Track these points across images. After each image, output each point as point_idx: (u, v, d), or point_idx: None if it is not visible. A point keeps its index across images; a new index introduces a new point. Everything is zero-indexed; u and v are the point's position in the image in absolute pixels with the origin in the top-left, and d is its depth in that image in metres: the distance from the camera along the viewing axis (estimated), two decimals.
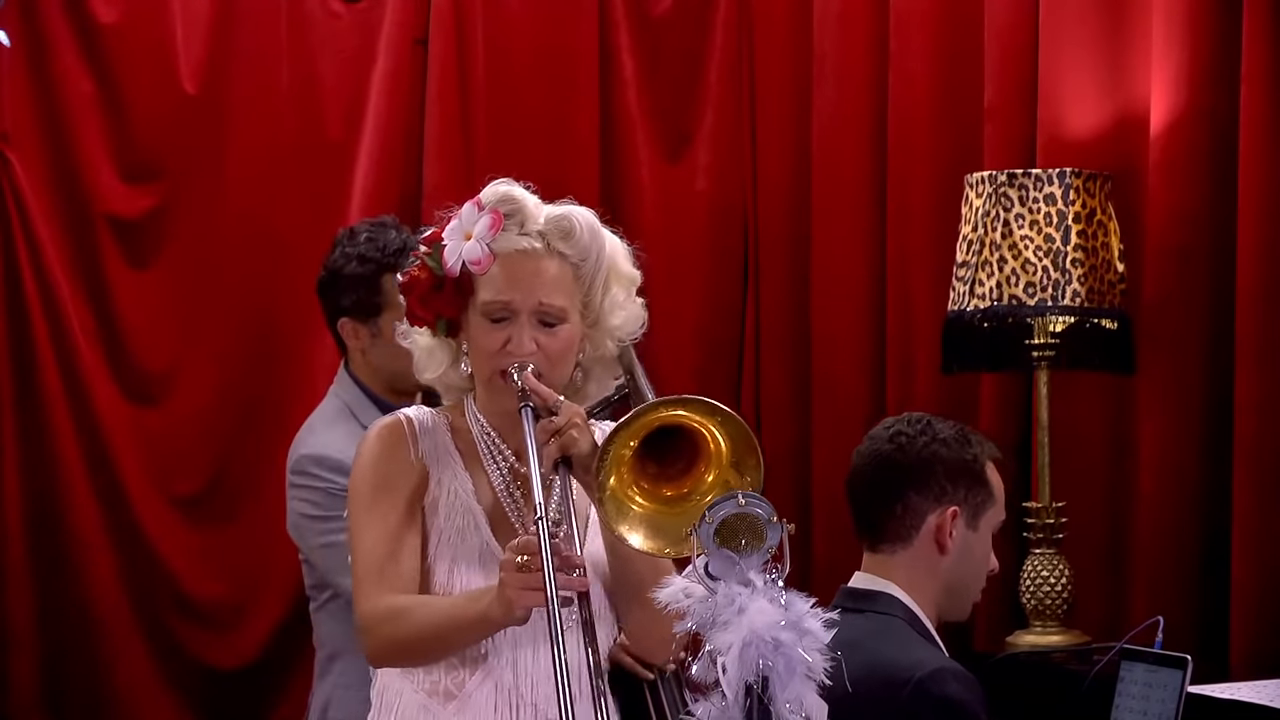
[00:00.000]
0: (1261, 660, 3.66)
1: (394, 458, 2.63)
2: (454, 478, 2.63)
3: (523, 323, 2.59)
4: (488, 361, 2.60)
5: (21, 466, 4.66)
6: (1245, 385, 3.78)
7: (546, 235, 2.63)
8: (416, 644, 2.55)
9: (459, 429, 2.68)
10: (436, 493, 2.62)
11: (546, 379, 2.57)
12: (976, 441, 3.02)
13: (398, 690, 2.63)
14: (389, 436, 2.64)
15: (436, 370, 2.68)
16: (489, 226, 2.60)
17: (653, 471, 2.46)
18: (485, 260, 2.59)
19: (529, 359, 2.57)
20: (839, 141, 4.72)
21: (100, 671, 4.70)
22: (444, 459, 2.64)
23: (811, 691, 2.30)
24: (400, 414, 2.67)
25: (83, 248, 4.74)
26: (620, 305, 2.69)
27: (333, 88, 4.88)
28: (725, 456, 2.44)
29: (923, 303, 4.45)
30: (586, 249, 2.65)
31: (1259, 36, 3.78)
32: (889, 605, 2.93)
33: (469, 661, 2.59)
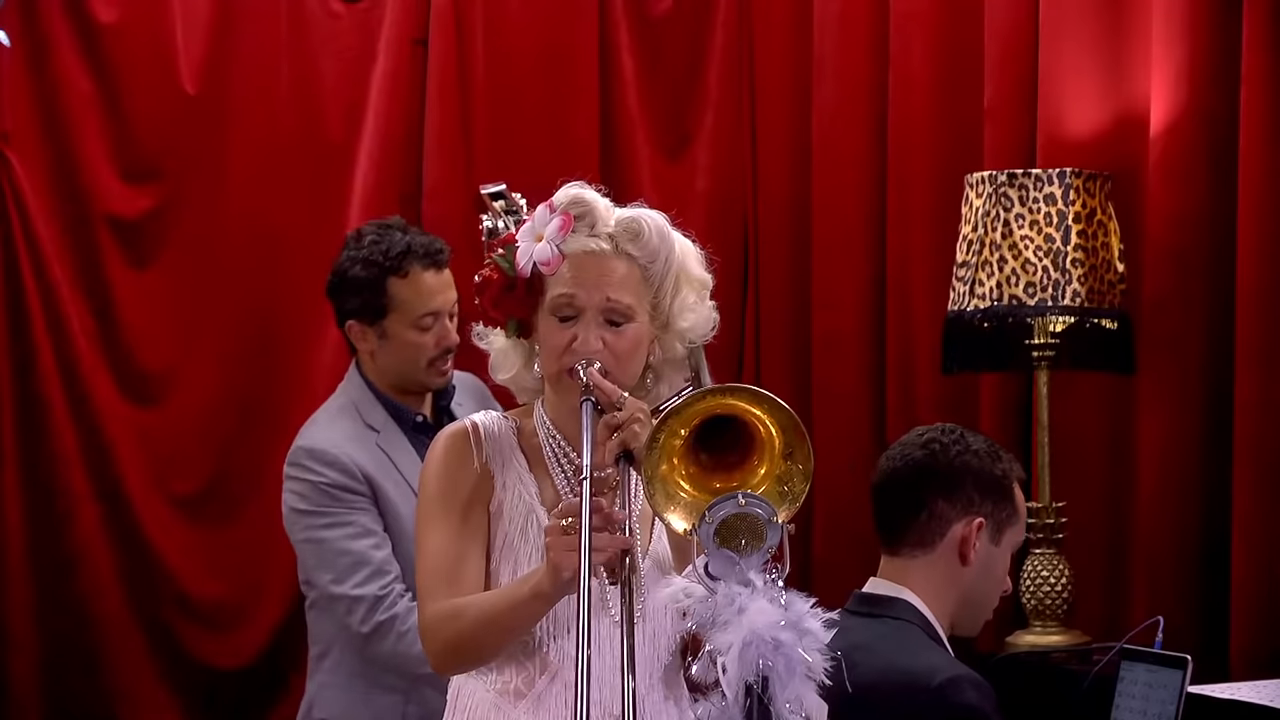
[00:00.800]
0: (1261, 660, 3.66)
1: (459, 465, 2.66)
2: (518, 481, 2.67)
3: (589, 320, 2.62)
4: (555, 359, 2.63)
5: (21, 466, 4.66)
6: (1245, 385, 3.78)
7: (615, 237, 2.65)
8: (474, 637, 2.58)
9: (526, 432, 2.71)
10: (502, 496, 2.66)
11: (613, 377, 2.60)
12: (1006, 459, 3.02)
13: (470, 691, 2.67)
14: (454, 445, 2.68)
15: (510, 371, 2.73)
16: (559, 228, 2.63)
17: (706, 462, 2.45)
18: (554, 261, 2.63)
19: (595, 356, 2.60)
20: (839, 141, 4.72)
21: (100, 671, 4.70)
22: (509, 463, 2.68)
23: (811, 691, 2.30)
24: (467, 420, 2.71)
25: (83, 248, 4.74)
26: (690, 308, 2.70)
27: (333, 88, 4.88)
28: (778, 447, 2.43)
29: (923, 303, 4.45)
30: (655, 251, 2.67)
31: (1259, 36, 3.78)
32: (903, 611, 2.92)
33: (538, 662, 2.62)
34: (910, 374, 4.53)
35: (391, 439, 3.75)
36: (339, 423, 3.77)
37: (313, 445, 3.71)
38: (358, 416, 3.78)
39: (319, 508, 3.68)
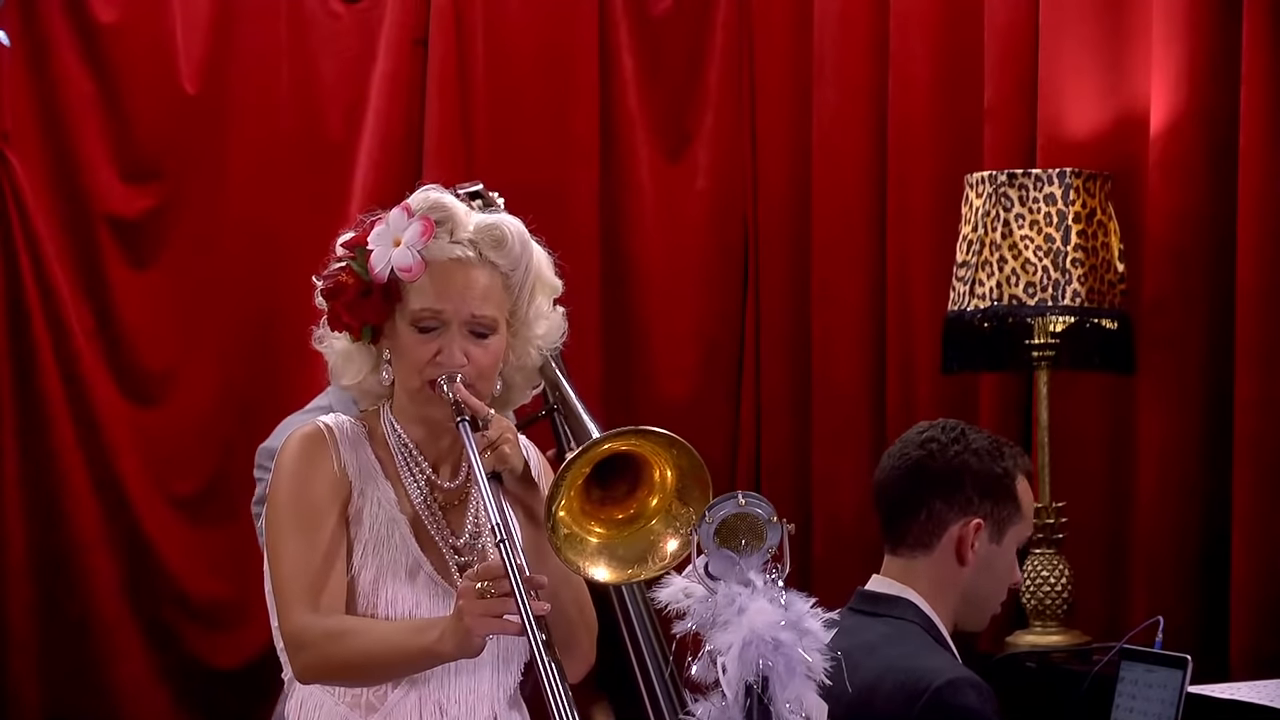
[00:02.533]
0: (1261, 660, 3.66)
1: (317, 468, 2.57)
2: (376, 488, 2.58)
3: (454, 333, 2.54)
4: (417, 372, 2.55)
5: (21, 466, 4.66)
6: (1245, 385, 3.78)
7: (478, 244, 2.57)
8: (353, 668, 2.50)
9: (377, 437, 2.63)
10: (360, 503, 2.57)
11: (475, 390, 2.53)
12: (1010, 455, 2.98)
13: (318, 702, 2.58)
14: (310, 446, 2.58)
15: (355, 377, 2.63)
16: (420, 233, 2.54)
17: (597, 497, 2.44)
18: (416, 268, 2.54)
19: (459, 370, 2.53)
20: (839, 141, 4.72)
21: (100, 671, 4.70)
22: (366, 469, 2.59)
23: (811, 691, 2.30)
24: (319, 422, 2.61)
25: (83, 248, 4.75)
26: (544, 314, 2.65)
27: (333, 88, 4.88)
28: (670, 485, 2.43)
29: (923, 303, 4.46)
30: (518, 259, 2.59)
31: (1259, 36, 3.78)
32: (906, 611, 2.91)
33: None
34: (910, 374, 4.53)
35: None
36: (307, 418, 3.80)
37: (270, 445, 3.73)
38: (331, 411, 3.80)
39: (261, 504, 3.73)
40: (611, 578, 2.45)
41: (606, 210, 4.94)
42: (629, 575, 2.45)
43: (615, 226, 4.95)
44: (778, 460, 4.85)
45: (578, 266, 4.57)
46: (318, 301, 2.60)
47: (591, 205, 4.89)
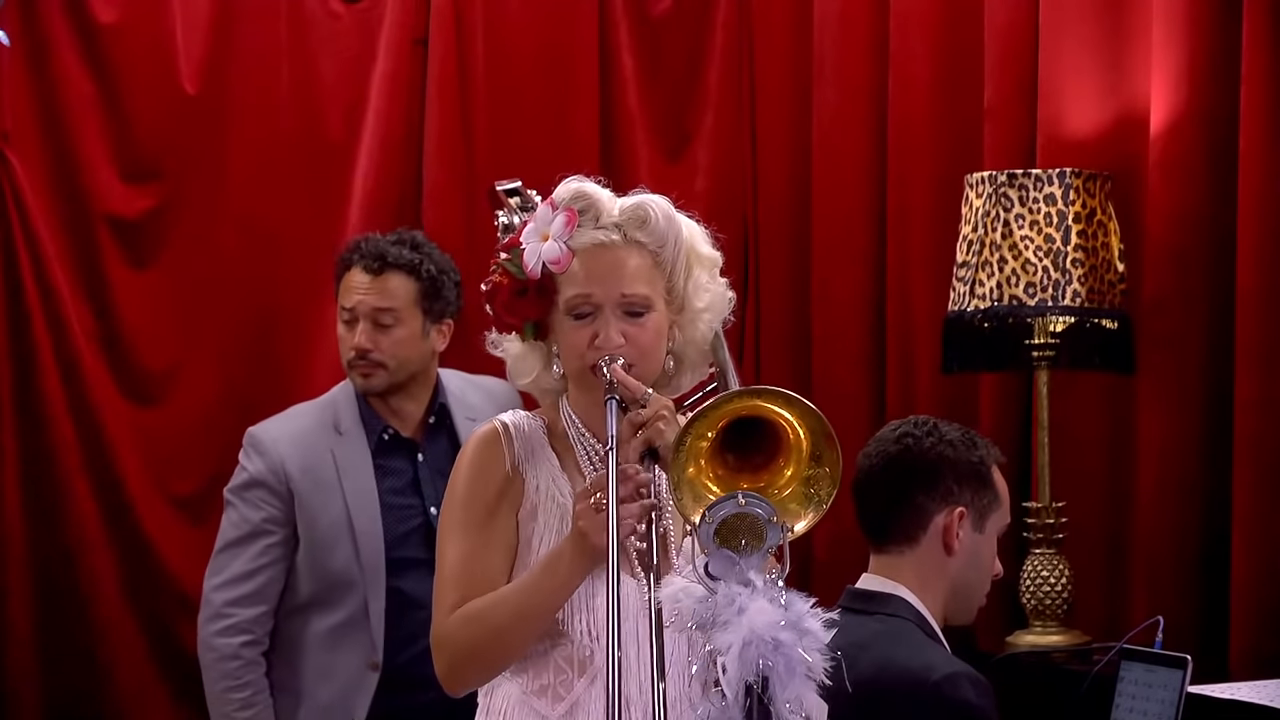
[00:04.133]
0: (1261, 660, 3.66)
1: (488, 469, 2.62)
2: (551, 481, 2.63)
3: (607, 316, 2.58)
4: (578, 358, 2.59)
5: (21, 466, 4.66)
6: (1245, 385, 3.78)
7: (623, 226, 2.62)
8: (498, 639, 2.53)
9: (555, 431, 2.67)
10: (535, 499, 2.62)
11: (638, 370, 2.57)
12: (982, 445, 3.03)
13: (505, 692, 2.62)
14: (484, 448, 2.64)
15: (529, 375, 2.68)
16: (565, 224, 2.59)
17: (732, 463, 2.43)
18: (565, 258, 2.59)
19: (618, 352, 2.57)
20: (839, 141, 4.72)
21: (100, 671, 4.70)
22: (540, 463, 2.63)
23: (811, 691, 2.30)
24: (496, 421, 2.66)
25: (83, 248, 4.74)
26: (704, 287, 2.68)
27: (333, 88, 4.88)
28: (805, 449, 2.42)
29: (923, 303, 4.45)
30: (664, 235, 2.64)
31: (1259, 36, 3.78)
32: (897, 607, 2.93)
33: (576, 664, 2.58)
34: (910, 374, 4.53)
35: (350, 446, 3.85)
36: (302, 418, 3.92)
37: (257, 432, 3.90)
38: (330, 416, 3.86)
39: (232, 493, 3.91)
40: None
41: None
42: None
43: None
44: None
45: None
46: (486, 309, 2.65)
47: None
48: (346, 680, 3.84)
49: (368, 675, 3.82)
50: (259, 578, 3.85)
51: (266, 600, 3.86)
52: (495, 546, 2.59)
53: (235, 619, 3.83)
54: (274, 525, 3.85)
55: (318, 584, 3.86)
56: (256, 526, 3.85)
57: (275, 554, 3.85)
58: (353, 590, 3.83)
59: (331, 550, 3.83)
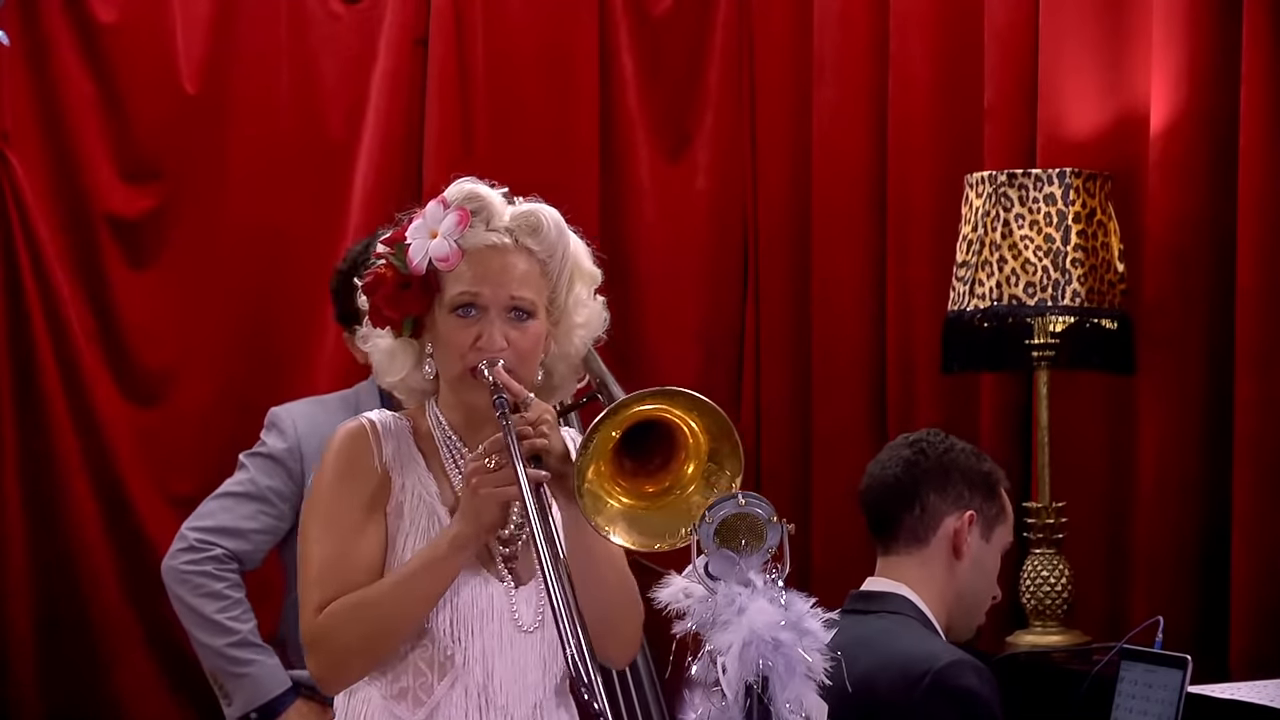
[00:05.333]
0: (1261, 660, 3.66)
1: (357, 465, 2.59)
2: (418, 481, 2.61)
3: (493, 318, 2.57)
4: (458, 358, 2.57)
5: (21, 466, 4.66)
6: (1245, 385, 3.78)
7: (514, 231, 2.61)
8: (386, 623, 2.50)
9: (421, 432, 2.65)
10: (401, 497, 2.59)
11: (517, 375, 2.55)
12: (991, 462, 3.09)
13: (364, 696, 2.59)
14: (353, 444, 2.61)
15: (399, 373, 2.66)
16: (456, 223, 2.58)
17: (630, 468, 2.44)
18: (454, 257, 2.57)
19: (500, 355, 2.55)
20: (839, 142, 4.72)
21: (100, 671, 4.70)
22: (408, 463, 2.61)
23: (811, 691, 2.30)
24: (363, 418, 2.63)
25: (83, 248, 4.74)
26: (584, 303, 2.66)
27: (333, 88, 4.87)
28: (703, 449, 2.43)
29: (923, 303, 4.46)
30: (554, 245, 2.62)
31: (1259, 36, 3.78)
32: (900, 605, 2.94)
33: (438, 667, 2.56)
34: (910, 374, 4.53)
35: None
36: (324, 403, 3.93)
37: (279, 410, 3.89)
38: (352, 405, 3.86)
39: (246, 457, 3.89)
40: (634, 544, 2.43)
41: (606, 210, 4.94)
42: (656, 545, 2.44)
43: (615, 226, 4.94)
44: (778, 460, 4.85)
45: None
46: (359, 301, 2.62)
47: (591, 205, 4.88)
48: None
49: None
50: (244, 539, 3.82)
51: (245, 560, 3.84)
52: (367, 543, 2.56)
53: (209, 552, 3.80)
54: (276, 498, 3.83)
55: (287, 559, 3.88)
56: (260, 490, 3.83)
57: (266, 523, 3.83)
58: None
59: None
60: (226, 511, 3.85)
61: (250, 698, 3.83)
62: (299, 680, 3.86)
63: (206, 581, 3.81)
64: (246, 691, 3.82)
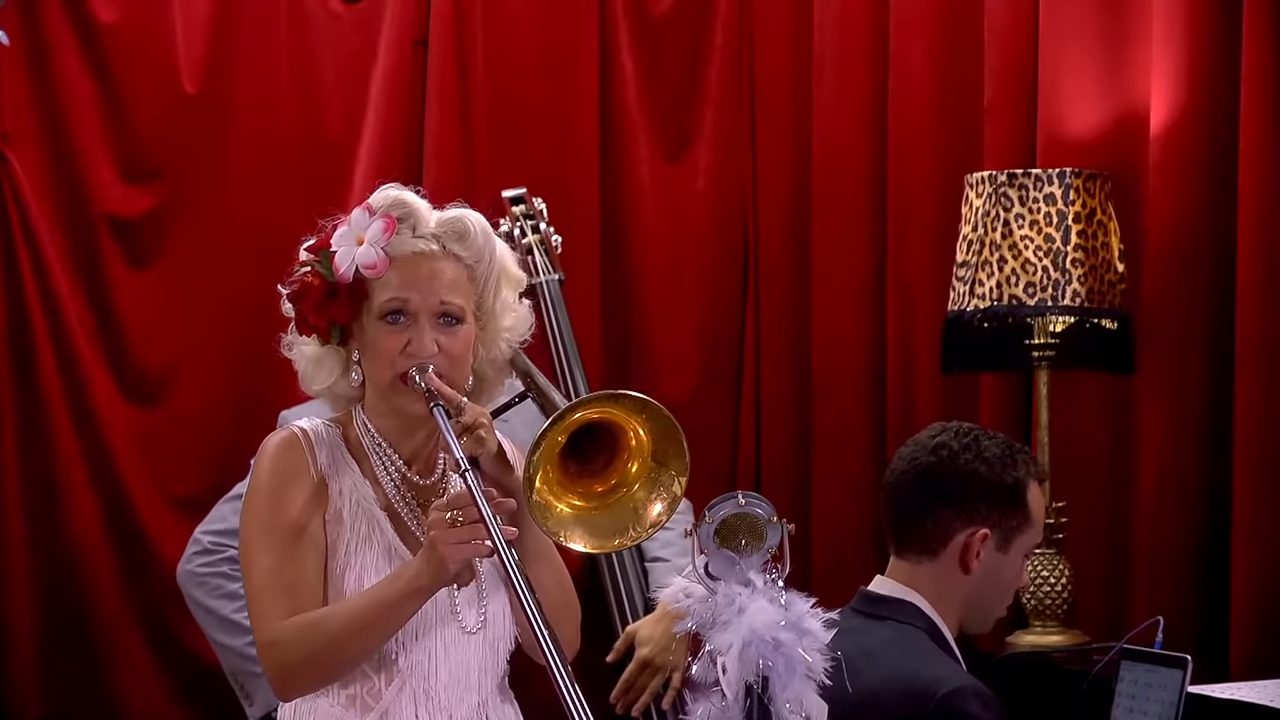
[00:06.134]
0: (1261, 660, 3.66)
1: (293, 475, 2.60)
2: (354, 487, 2.61)
3: (423, 324, 2.57)
4: (388, 365, 2.58)
5: (21, 466, 4.66)
6: (1245, 385, 3.78)
7: (441, 238, 2.62)
8: (337, 646, 2.50)
9: (350, 439, 2.66)
10: (339, 503, 2.60)
11: (448, 379, 2.56)
12: (1022, 462, 2.96)
13: (310, 706, 2.60)
14: (287, 453, 2.62)
15: (326, 380, 2.67)
16: (382, 230, 2.60)
17: (574, 470, 2.45)
18: (381, 264, 2.59)
19: (430, 360, 2.56)
20: (839, 141, 4.72)
21: (100, 671, 4.70)
22: (342, 469, 2.62)
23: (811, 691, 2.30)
24: (293, 427, 2.65)
25: (83, 248, 4.74)
26: (510, 307, 2.68)
27: (333, 88, 4.87)
28: (646, 448, 2.43)
29: (923, 303, 4.46)
30: (480, 250, 2.63)
31: (1259, 36, 3.78)
32: (911, 615, 2.91)
33: (383, 667, 2.57)
34: (910, 374, 4.53)
35: None
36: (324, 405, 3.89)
37: (288, 415, 3.85)
38: None
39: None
40: (588, 546, 2.45)
41: (606, 210, 4.94)
42: (611, 545, 2.47)
43: (615, 226, 4.94)
44: (778, 460, 4.85)
45: (577, 266, 4.59)
46: (284, 308, 2.62)
47: (591, 205, 4.88)
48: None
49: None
50: None
51: None
52: (309, 551, 2.57)
53: (223, 554, 3.81)
54: None
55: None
56: None
57: None
58: None
59: None
60: (239, 514, 3.84)
61: (272, 697, 3.83)
62: None
63: (223, 583, 3.82)
64: (268, 691, 3.82)
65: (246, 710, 3.87)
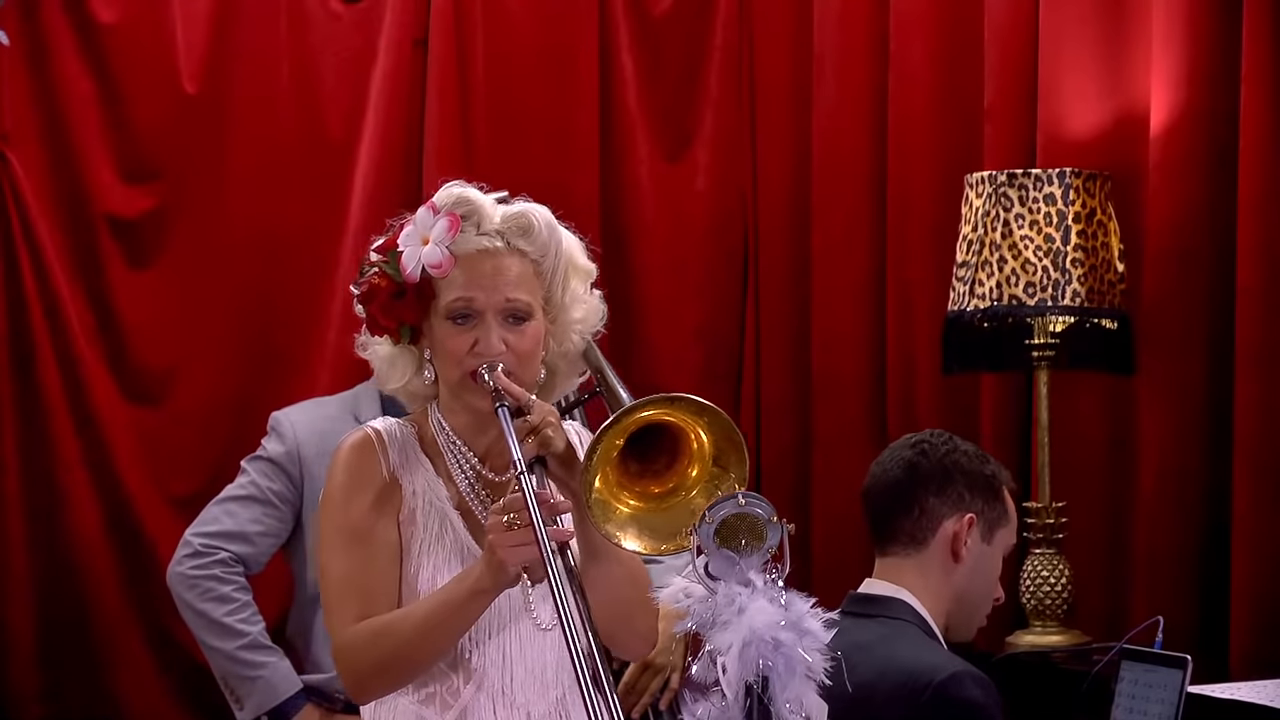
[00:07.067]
0: (1261, 660, 3.66)
1: (365, 476, 2.60)
2: (427, 486, 2.62)
3: (489, 322, 2.57)
4: (456, 364, 2.57)
5: (21, 466, 4.66)
6: (1245, 385, 3.78)
7: (505, 234, 2.60)
8: (407, 650, 2.51)
9: (425, 437, 2.66)
10: (412, 503, 2.61)
11: (516, 378, 2.55)
12: (995, 464, 3.06)
13: (392, 705, 2.60)
14: (360, 455, 2.62)
15: (400, 380, 2.66)
16: (447, 229, 2.58)
17: (635, 470, 2.44)
18: (446, 263, 2.57)
19: (498, 358, 2.55)
20: (839, 141, 4.72)
21: (100, 671, 4.70)
22: (414, 468, 2.62)
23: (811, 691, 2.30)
24: (368, 428, 2.65)
25: (83, 248, 4.74)
26: (580, 299, 2.67)
27: (333, 88, 4.87)
28: (708, 451, 2.43)
29: (923, 303, 4.46)
30: (546, 245, 2.62)
31: (1259, 36, 3.78)
32: (900, 610, 2.93)
33: (459, 666, 2.58)
34: (910, 374, 4.53)
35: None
36: (325, 406, 3.97)
37: (279, 415, 3.91)
38: (351, 407, 3.87)
39: (248, 461, 3.91)
40: (644, 548, 2.43)
41: (607, 210, 4.94)
42: (666, 548, 2.44)
43: (615, 226, 4.95)
44: (778, 460, 4.85)
45: None
46: (356, 309, 2.63)
47: (592, 205, 4.88)
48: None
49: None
50: (248, 543, 3.84)
51: (250, 563, 3.86)
52: (381, 553, 2.57)
53: (214, 556, 3.82)
54: (279, 500, 3.86)
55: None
56: (262, 494, 3.86)
57: (270, 525, 3.86)
58: None
59: None
60: (230, 516, 3.86)
61: (262, 700, 3.84)
62: (307, 684, 3.87)
63: (214, 585, 3.82)
64: (258, 694, 3.83)
65: (236, 714, 3.88)
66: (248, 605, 3.85)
